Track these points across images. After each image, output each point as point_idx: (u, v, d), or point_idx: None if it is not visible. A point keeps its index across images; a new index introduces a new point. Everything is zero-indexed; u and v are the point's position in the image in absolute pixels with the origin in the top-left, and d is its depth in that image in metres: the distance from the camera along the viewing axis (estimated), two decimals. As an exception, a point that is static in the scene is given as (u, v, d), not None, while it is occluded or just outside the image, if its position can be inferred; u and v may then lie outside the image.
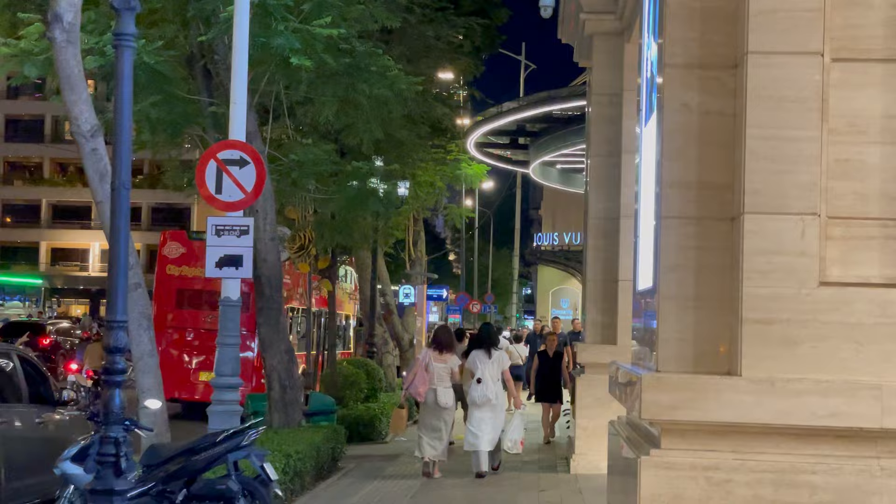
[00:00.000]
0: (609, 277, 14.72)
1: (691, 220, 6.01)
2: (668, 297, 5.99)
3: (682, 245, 6.00)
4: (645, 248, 6.85)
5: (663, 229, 6.03)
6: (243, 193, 12.43)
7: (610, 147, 14.78)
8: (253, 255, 14.94)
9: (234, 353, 12.49)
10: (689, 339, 5.95)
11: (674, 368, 5.93)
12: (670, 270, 6.00)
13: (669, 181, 6.06)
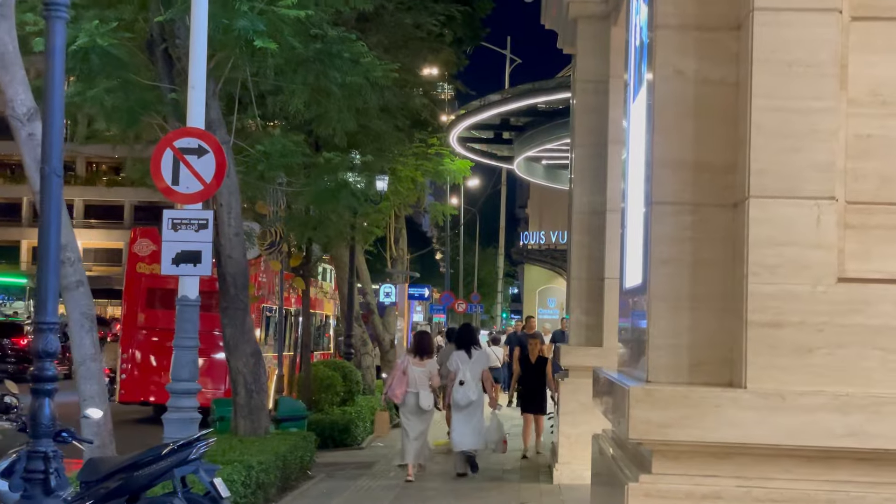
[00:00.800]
0: (594, 275, 13.89)
1: (686, 207, 5.17)
2: (659, 296, 5.15)
3: (675, 236, 5.16)
4: (633, 240, 6.01)
5: (654, 217, 5.20)
6: (202, 185, 11.58)
7: (595, 137, 13.96)
8: (217, 252, 14.26)
9: (191, 357, 11.64)
10: (684, 345, 5.12)
11: (666, 379, 5.10)
12: (662, 265, 5.16)
13: (661, 161, 5.22)
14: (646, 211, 5.37)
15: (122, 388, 23.86)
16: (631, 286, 6.01)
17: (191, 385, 11.59)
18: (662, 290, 5.15)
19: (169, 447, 8.72)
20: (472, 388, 14.96)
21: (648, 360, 5.13)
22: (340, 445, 18.89)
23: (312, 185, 14.82)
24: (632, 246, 6.07)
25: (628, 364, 6.07)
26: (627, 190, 6.40)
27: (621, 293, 6.64)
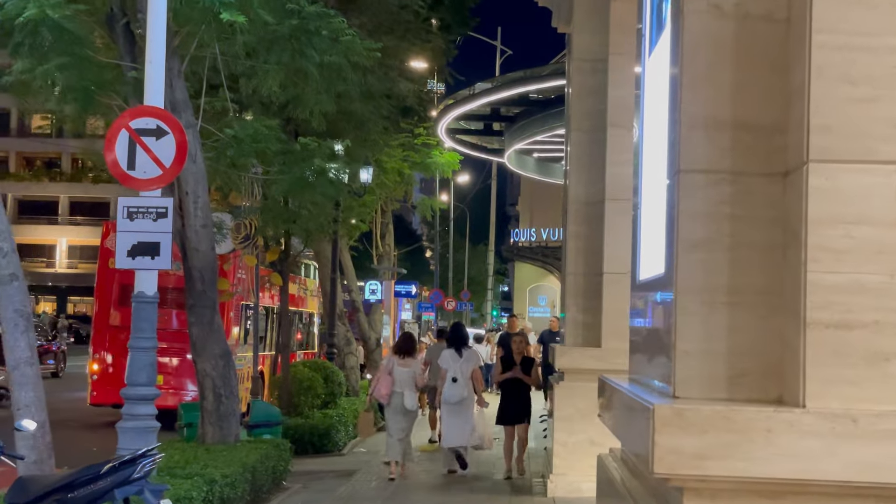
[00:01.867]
0: (592, 270, 12.82)
1: (724, 177, 4.08)
2: (688, 288, 4.07)
3: (709, 213, 4.08)
4: (650, 221, 4.92)
5: (683, 190, 4.11)
6: (161, 169, 10.51)
7: (593, 121, 12.88)
8: (182, 245, 13.16)
9: (149, 359, 10.56)
10: (721, 351, 4.04)
11: (699, 394, 4.01)
12: (692, 250, 4.08)
13: (691, 120, 4.13)
14: (670, 183, 4.28)
15: (94, 390, 22.80)
16: (648, 278, 4.92)
17: (148, 390, 10.50)
18: (693, 281, 4.07)
19: (110, 464, 7.62)
20: (462, 385, 15.08)
21: (675, 370, 4.05)
22: (320, 452, 17.83)
23: (287, 173, 13.69)
24: (649, 229, 4.98)
25: (643, 372, 4.98)
26: (642, 162, 5.31)
27: (634, 286, 5.55)
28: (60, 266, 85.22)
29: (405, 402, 14.99)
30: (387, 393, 15.09)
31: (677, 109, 4.19)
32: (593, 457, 12.88)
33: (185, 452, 12.08)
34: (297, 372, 19.36)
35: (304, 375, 19.28)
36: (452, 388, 15.01)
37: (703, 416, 3.71)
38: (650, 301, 4.82)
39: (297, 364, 20.99)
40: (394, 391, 15.06)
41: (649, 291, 4.86)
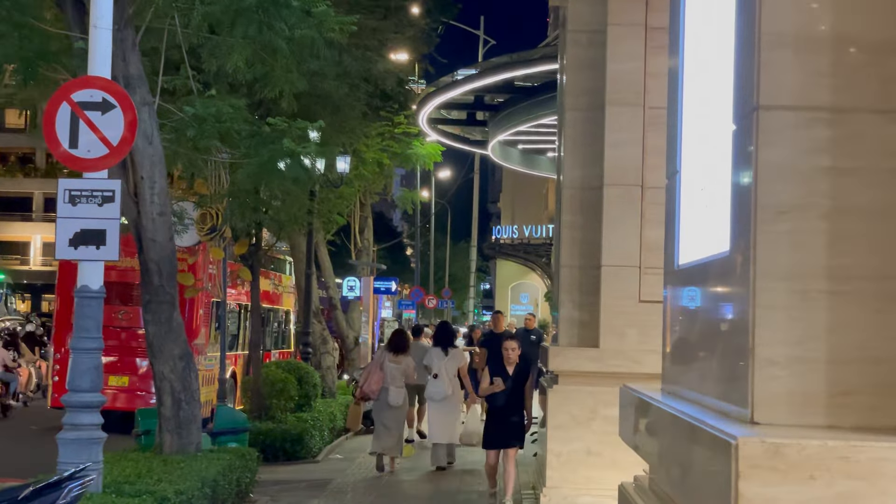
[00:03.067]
0: (589, 263, 11.68)
1: (822, 115, 2.92)
2: (772, 273, 2.92)
3: (800, 166, 2.92)
4: (696, 186, 3.75)
5: (763, 135, 2.95)
6: (107, 147, 9.36)
7: (590, 98, 11.75)
8: (138, 235, 11.94)
9: (92, 361, 9.40)
10: (819, 360, 2.89)
11: (786, 418, 2.87)
12: (777, 219, 2.93)
13: (775, 37, 2.97)
14: (740, 127, 3.12)
15: (55, 392, 21.52)
16: (696, 261, 3.76)
17: (92, 397, 9.33)
18: (778, 262, 2.92)
19: (30, 488, 6.41)
20: (446, 383, 15.44)
21: (754, 386, 2.89)
22: (293, 459, 16.64)
23: (255, 157, 12.47)
24: (694, 196, 3.82)
25: (688, 384, 3.82)
26: (681, 111, 4.16)
27: (671, 273, 4.40)
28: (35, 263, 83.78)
29: (390, 398, 15.16)
30: (377, 388, 15.28)
31: (753, 24, 3.03)
32: (591, 468, 11.79)
33: (139, 464, 10.87)
34: (269, 373, 18.13)
35: (277, 377, 18.05)
36: (435, 385, 15.49)
37: (809, 454, 2.55)
38: (703, 291, 3.65)
39: (270, 364, 19.78)
40: (382, 386, 15.27)
41: (700, 278, 3.70)
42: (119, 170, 11.52)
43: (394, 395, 15.21)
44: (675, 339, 4.37)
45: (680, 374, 4.09)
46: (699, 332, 3.75)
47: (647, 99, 11.43)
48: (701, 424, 2.96)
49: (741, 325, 3.01)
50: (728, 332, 3.22)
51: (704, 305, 3.61)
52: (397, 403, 15.29)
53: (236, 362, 23.48)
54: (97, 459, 9.24)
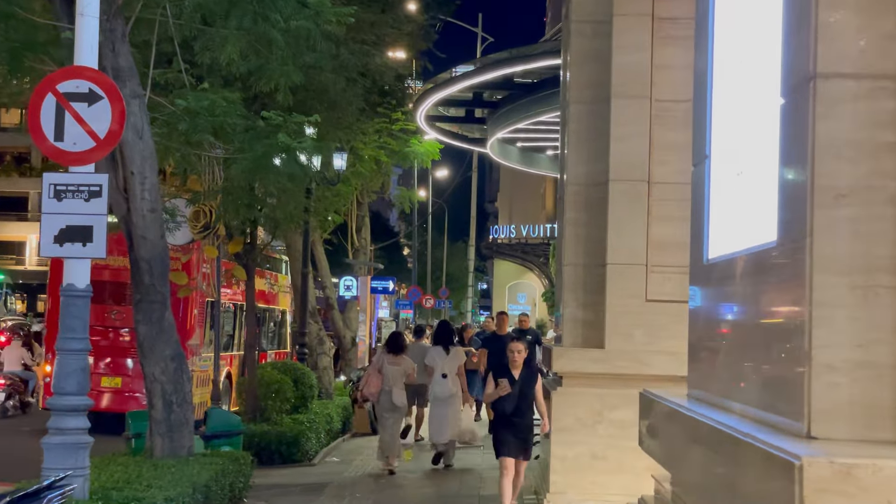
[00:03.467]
0: (594, 261, 11.33)
1: (887, 84, 2.55)
2: (831, 266, 2.55)
3: (865, 141, 2.55)
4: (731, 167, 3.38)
5: (820, 107, 2.57)
6: (94, 140, 9.01)
7: (595, 91, 11.39)
8: (128, 232, 11.57)
9: (79, 363, 9.02)
10: (887, 366, 2.51)
11: (849, 432, 2.51)
12: (837, 204, 2.56)
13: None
14: (787, 102, 2.75)
15: (48, 395, 21.10)
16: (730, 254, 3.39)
17: (79, 400, 8.95)
18: (837, 252, 2.54)
19: (5, 499, 6.04)
20: (452, 381, 15.64)
21: (810, 395, 2.53)
22: (288, 462, 16.25)
23: (249, 152, 12.08)
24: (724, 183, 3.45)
25: (724, 391, 3.45)
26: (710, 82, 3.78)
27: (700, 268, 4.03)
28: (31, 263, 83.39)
29: (393, 399, 15.27)
30: (377, 391, 15.42)
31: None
32: (597, 473, 11.41)
33: (129, 469, 10.51)
34: (265, 374, 17.73)
35: (272, 378, 17.65)
36: (442, 384, 15.60)
37: (887, 476, 2.18)
38: (741, 287, 3.28)
39: (265, 365, 19.37)
40: (383, 389, 15.37)
41: (737, 273, 3.32)
42: (108, 165, 11.18)
43: (397, 396, 15.36)
44: (705, 341, 3.99)
45: (711, 380, 3.72)
46: (736, 333, 3.38)
47: (654, 91, 11.08)
48: (750, 440, 2.58)
49: (794, 326, 2.64)
50: (776, 333, 2.85)
51: (743, 304, 3.24)
52: (401, 404, 15.50)
53: (232, 363, 23.11)
54: (83, 465, 8.89)
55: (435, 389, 15.75)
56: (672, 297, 11.08)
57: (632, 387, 10.95)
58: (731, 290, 3.44)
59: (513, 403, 10.85)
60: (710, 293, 3.81)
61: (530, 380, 11.01)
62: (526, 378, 10.97)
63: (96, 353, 20.71)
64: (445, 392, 15.60)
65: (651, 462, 10.94)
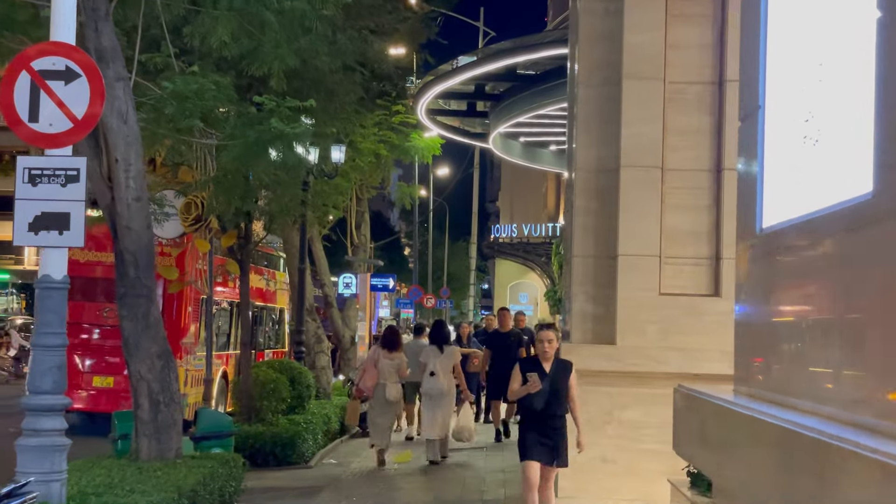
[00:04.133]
0: (604, 252, 10.73)
1: None
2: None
3: None
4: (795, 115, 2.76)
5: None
6: (71, 121, 8.42)
7: (605, 73, 10.79)
8: (112, 223, 10.97)
9: (55, 360, 8.40)
10: None
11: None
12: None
13: None
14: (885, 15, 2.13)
15: (36, 394, 20.49)
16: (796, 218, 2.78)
17: (55, 399, 8.34)
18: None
19: (-42, 510, 5.46)
20: (441, 379, 15.86)
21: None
22: (283, 464, 15.64)
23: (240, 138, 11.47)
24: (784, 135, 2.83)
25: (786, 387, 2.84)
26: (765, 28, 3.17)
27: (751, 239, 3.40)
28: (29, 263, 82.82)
29: (387, 394, 15.54)
30: (372, 385, 15.65)
31: None
32: (607, 477, 10.80)
33: (111, 472, 9.93)
34: (260, 373, 17.11)
35: (268, 377, 17.03)
36: (431, 381, 15.89)
37: None
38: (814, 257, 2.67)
39: (260, 364, 18.76)
40: (378, 383, 15.63)
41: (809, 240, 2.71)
42: (92, 151, 10.62)
43: (390, 391, 15.61)
44: (760, 327, 3.38)
45: (768, 373, 3.12)
46: (805, 315, 2.78)
47: (668, 73, 10.49)
48: (849, 445, 1.99)
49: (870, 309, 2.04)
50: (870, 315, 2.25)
51: (819, 277, 2.63)
52: (394, 398, 15.75)
53: (228, 362, 22.53)
54: (60, 469, 8.28)
55: (425, 386, 16.07)
56: (686, 290, 10.51)
57: (644, 385, 10.39)
58: (799, 262, 2.84)
59: (543, 399, 9.55)
60: (769, 269, 3.20)
61: (563, 373, 9.72)
62: (558, 371, 9.70)
63: (89, 351, 20.17)
64: (434, 389, 15.88)
65: (665, 465, 10.38)
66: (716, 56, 10.48)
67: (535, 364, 9.72)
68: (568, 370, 9.77)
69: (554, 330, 9.85)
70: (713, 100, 10.52)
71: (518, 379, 9.69)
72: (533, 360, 9.88)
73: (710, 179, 10.51)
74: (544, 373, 9.58)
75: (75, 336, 20.73)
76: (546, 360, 9.70)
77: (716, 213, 10.48)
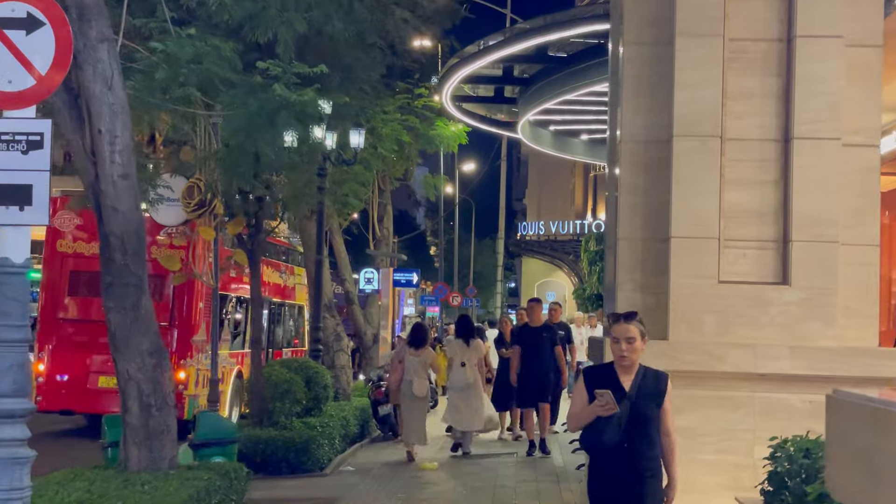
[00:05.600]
0: (654, 234, 9.39)
1: None
2: None
3: None
4: None
5: None
6: (32, 77, 7.26)
7: (656, 30, 9.45)
8: (97, 203, 9.72)
9: (16, 357, 7.15)
10: None
11: None
12: None
13: None
14: None
15: (40, 395, 19.44)
16: None
17: (15, 403, 7.08)
18: None
19: None
20: (470, 372, 16.19)
21: None
22: (298, 471, 14.40)
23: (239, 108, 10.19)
24: None
25: None
26: None
27: None
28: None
29: (414, 389, 15.85)
30: (397, 380, 16.24)
31: None
32: (660, 492, 9.52)
33: (93, 485, 8.72)
34: (273, 373, 15.83)
35: (281, 377, 15.75)
36: (460, 372, 16.16)
37: None
38: None
39: (273, 363, 17.53)
40: (404, 378, 16.04)
41: None
42: (74, 122, 9.42)
43: (417, 386, 15.87)
44: None
45: None
46: None
47: (728, 28, 9.14)
48: None
49: None
50: None
51: None
52: (421, 394, 15.94)
53: (243, 361, 21.31)
54: (21, 486, 7.02)
55: (452, 378, 16.30)
56: (749, 278, 9.16)
57: (701, 386, 9.04)
58: None
59: (619, 430, 6.31)
60: None
61: (653, 391, 6.48)
62: (645, 388, 6.46)
63: (92, 350, 19.01)
64: (462, 381, 16.14)
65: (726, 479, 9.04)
66: (783, 8, 9.14)
67: (607, 375, 6.48)
68: (661, 387, 6.51)
69: (637, 323, 6.47)
70: (780, 59, 9.16)
71: (582, 396, 6.45)
72: (604, 369, 6.64)
73: (777, 150, 9.15)
74: (623, 391, 6.36)
75: (81, 334, 19.66)
76: (626, 369, 6.45)
77: (783, 188, 9.13)
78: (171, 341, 19.45)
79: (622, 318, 6.55)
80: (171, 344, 19.49)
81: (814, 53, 9.05)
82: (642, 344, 6.49)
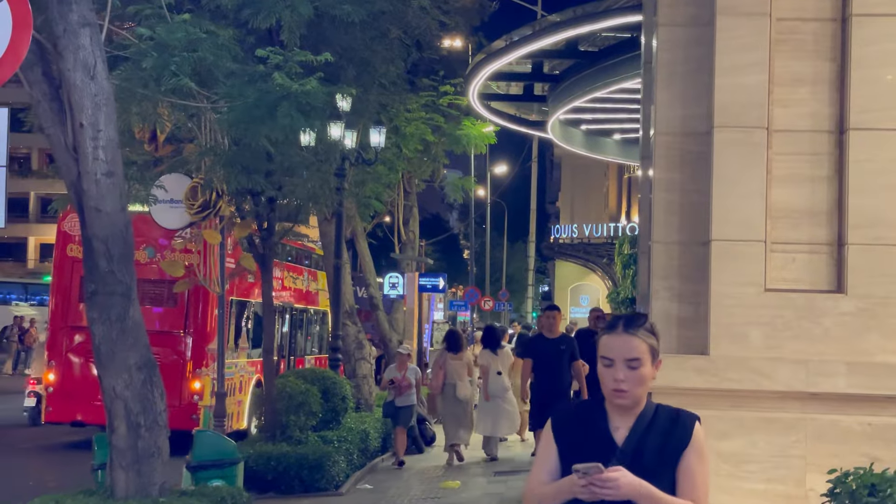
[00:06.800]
0: (692, 237, 8.41)
1: None
2: None
3: None
4: None
5: None
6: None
7: (694, 9, 8.49)
8: (79, 203, 8.92)
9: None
10: None
11: None
12: None
13: None
14: None
15: (49, 405, 18.79)
16: None
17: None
18: None
19: None
20: (506, 378, 16.76)
21: None
22: (311, 489, 13.54)
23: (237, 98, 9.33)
24: None
25: None
26: None
27: None
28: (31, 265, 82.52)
29: (458, 392, 16.56)
30: (439, 385, 16.84)
31: None
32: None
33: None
34: (287, 384, 14.98)
35: (296, 388, 14.90)
36: (497, 380, 16.58)
37: None
38: None
39: (287, 374, 16.71)
40: (447, 382, 16.69)
41: None
42: (55, 115, 8.64)
43: (460, 389, 16.60)
44: None
45: None
46: None
47: (776, 6, 8.18)
48: None
49: None
50: None
51: None
52: (464, 397, 16.62)
53: (261, 370, 20.51)
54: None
55: (492, 386, 16.52)
56: (800, 285, 8.18)
57: (746, 407, 8.06)
58: None
59: None
60: None
61: (664, 448, 3.89)
62: (650, 443, 3.90)
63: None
64: (501, 388, 16.55)
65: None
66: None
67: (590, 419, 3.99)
68: (681, 437, 3.94)
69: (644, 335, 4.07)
70: (834, 40, 8.19)
71: (548, 456, 3.99)
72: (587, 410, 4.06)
73: (831, 143, 8.17)
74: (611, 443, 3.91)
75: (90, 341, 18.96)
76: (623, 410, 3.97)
77: (838, 185, 8.15)
78: (185, 350, 18.73)
79: (620, 325, 3.96)
80: (186, 352, 18.77)
81: (872, 34, 8.07)
82: (653, 370, 4.10)
